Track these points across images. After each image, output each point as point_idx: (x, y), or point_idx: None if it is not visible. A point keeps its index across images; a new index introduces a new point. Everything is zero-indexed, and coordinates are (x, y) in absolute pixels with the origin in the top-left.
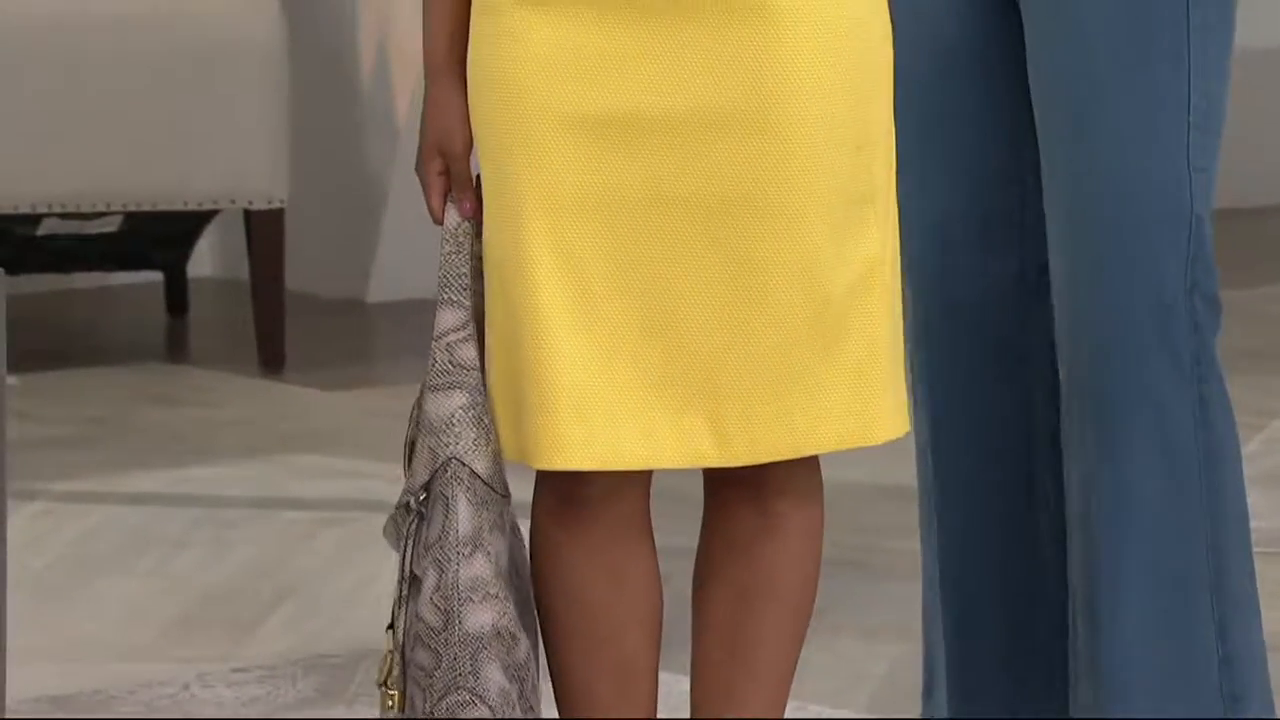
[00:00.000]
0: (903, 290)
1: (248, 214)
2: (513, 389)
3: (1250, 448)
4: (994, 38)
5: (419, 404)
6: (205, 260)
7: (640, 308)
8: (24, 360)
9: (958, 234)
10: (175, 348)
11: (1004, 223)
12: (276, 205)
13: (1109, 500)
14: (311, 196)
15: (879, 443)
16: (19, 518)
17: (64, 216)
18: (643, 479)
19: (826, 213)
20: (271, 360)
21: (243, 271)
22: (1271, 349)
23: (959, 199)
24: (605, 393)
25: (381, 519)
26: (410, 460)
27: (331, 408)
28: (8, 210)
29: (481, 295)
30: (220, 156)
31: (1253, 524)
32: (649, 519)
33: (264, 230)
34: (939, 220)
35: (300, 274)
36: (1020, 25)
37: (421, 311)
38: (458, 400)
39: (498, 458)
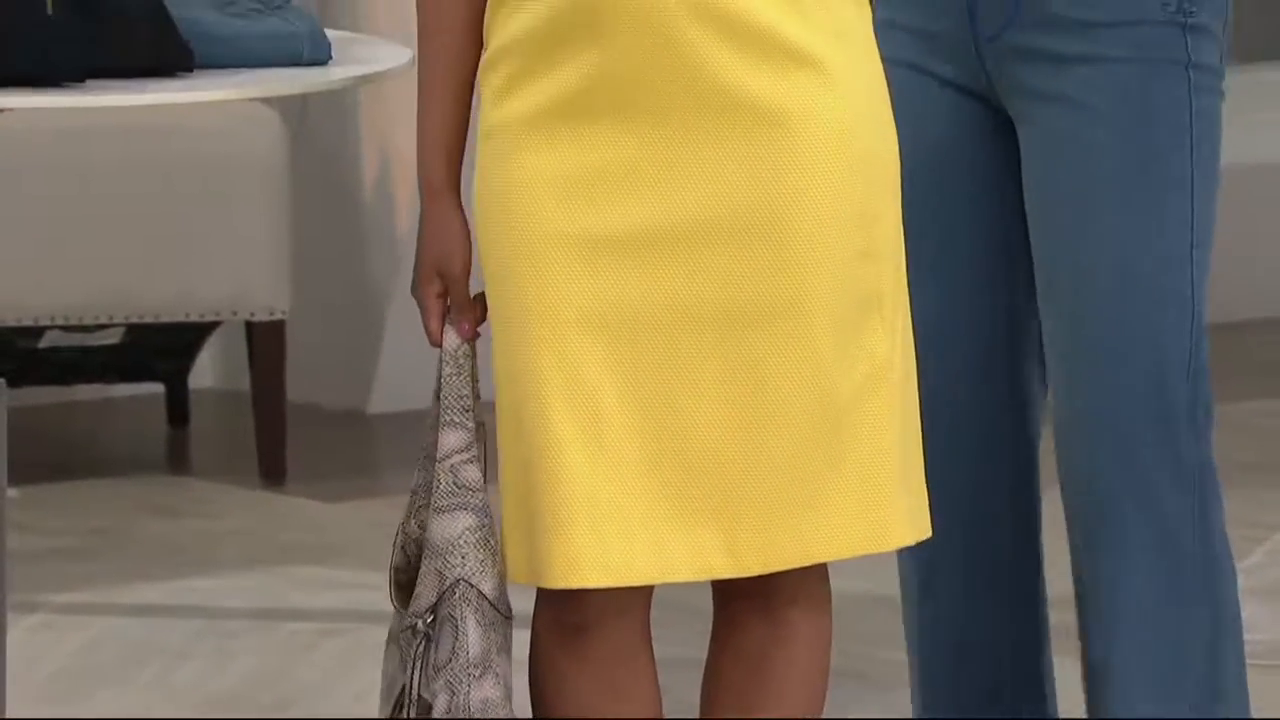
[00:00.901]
0: None
1: (249, 325)
2: (525, 509)
3: (1251, 560)
4: (988, 149)
5: (405, 527)
6: (206, 371)
7: (651, 423)
8: (25, 472)
9: (951, 342)
10: (176, 459)
11: (997, 330)
12: (278, 317)
13: (1107, 600)
14: (313, 307)
15: (892, 548)
16: (20, 630)
17: (67, 329)
18: (645, 595)
19: (832, 318)
20: (272, 471)
21: (244, 382)
22: (1268, 462)
23: (951, 306)
24: (618, 510)
25: (383, 631)
26: (399, 585)
27: (333, 519)
28: (10, 323)
29: (476, 413)
30: (222, 268)
31: (1254, 637)
32: (649, 634)
33: (265, 341)
34: (931, 327)
35: (302, 385)
36: (1015, 138)
37: (423, 423)
38: (464, 522)
39: (503, 579)
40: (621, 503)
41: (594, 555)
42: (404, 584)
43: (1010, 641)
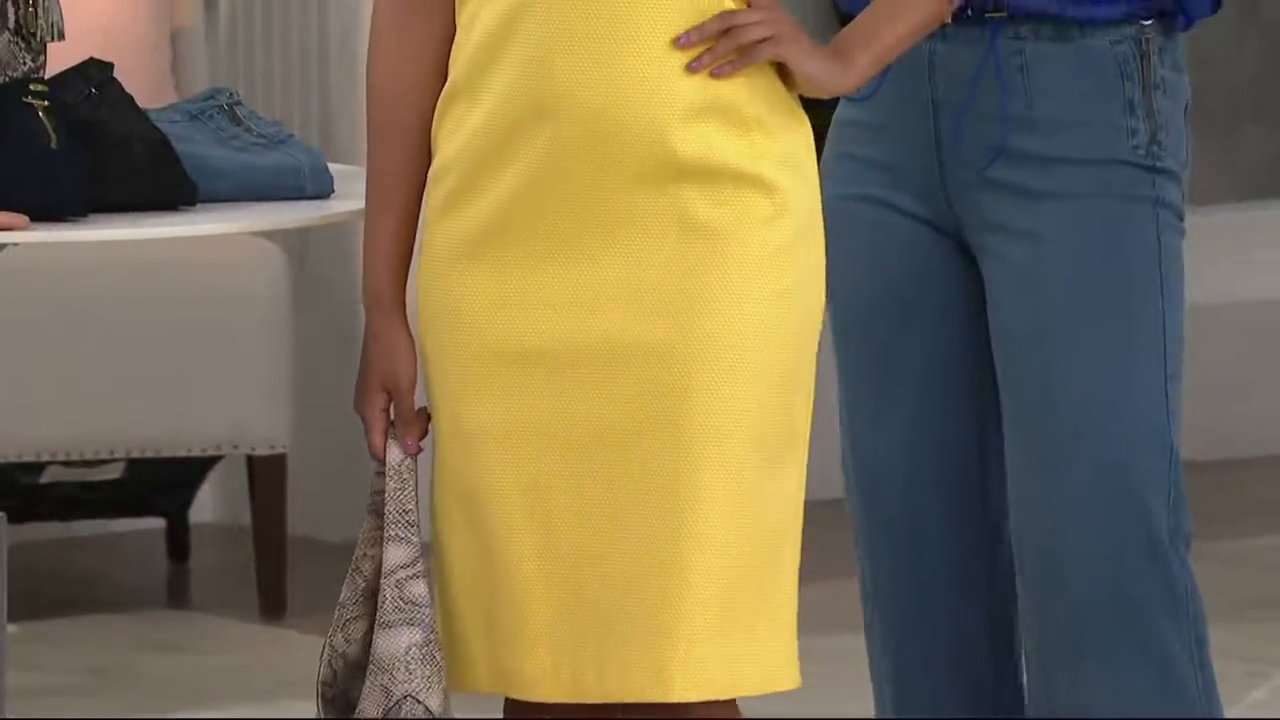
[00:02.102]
0: (856, 527)
1: (250, 459)
2: (485, 619)
3: (1256, 695)
4: (952, 282)
5: (331, 641)
6: (207, 506)
7: (595, 539)
8: (26, 608)
9: (919, 471)
10: (177, 594)
11: (965, 463)
12: (279, 450)
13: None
14: (314, 441)
15: (789, 688)
16: None
17: (68, 464)
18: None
19: (756, 446)
20: (273, 606)
21: (245, 516)
22: (1270, 598)
23: (919, 436)
24: (569, 625)
25: None
26: (326, 700)
27: None
28: (11, 458)
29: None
30: (223, 402)
31: None
32: None
33: (266, 475)
34: (898, 457)
35: (302, 518)
36: (978, 271)
37: (427, 555)
38: (410, 637)
39: (447, 694)
40: (571, 617)
41: (548, 669)
42: (331, 699)
43: None
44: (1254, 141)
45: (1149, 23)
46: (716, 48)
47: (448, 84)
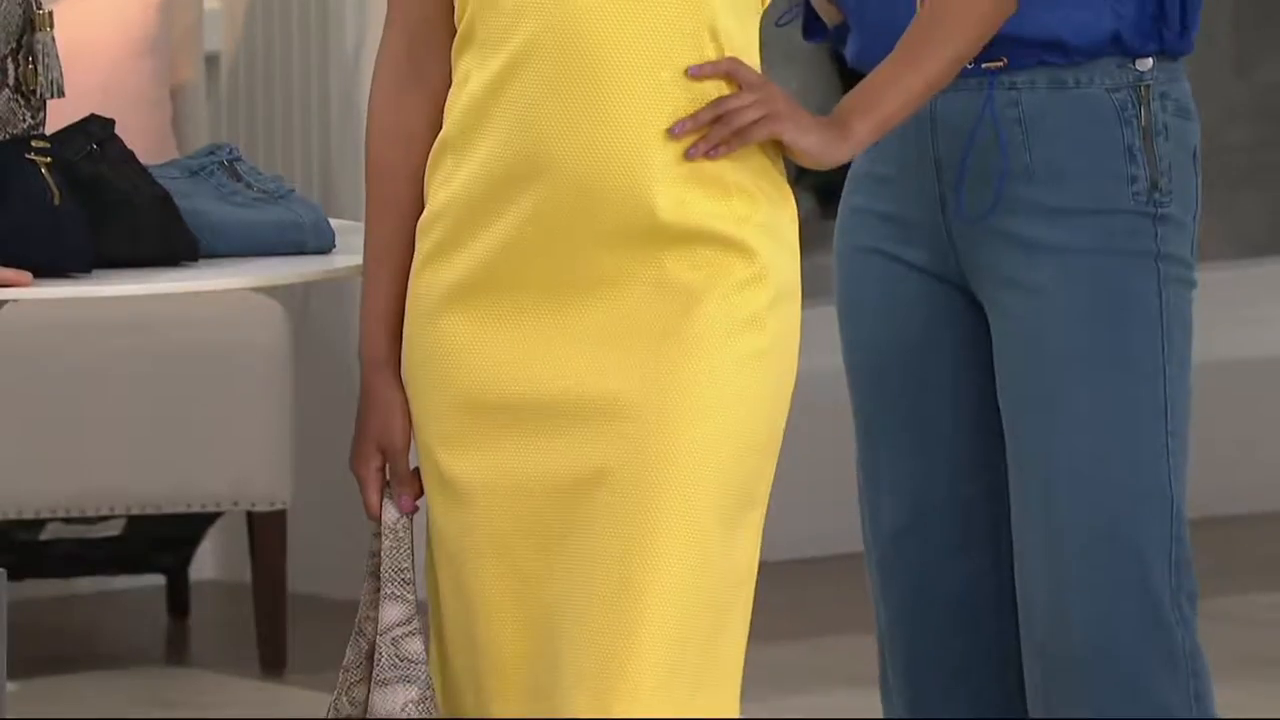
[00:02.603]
0: (872, 586)
1: (250, 515)
2: (472, 673)
3: None
4: (961, 333)
5: (336, 705)
6: (207, 562)
7: (558, 589)
8: (25, 666)
9: (932, 522)
10: (176, 651)
11: (978, 514)
12: (279, 507)
13: None
14: (314, 497)
15: None
16: None
17: (68, 520)
18: None
19: (717, 505)
20: (273, 662)
21: (245, 573)
22: (1273, 655)
23: (931, 487)
24: (543, 676)
25: None
26: None
27: None
28: (11, 516)
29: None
30: (224, 458)
31: None
32: None
33: (266, 531)
34: (911, 509)
35: (303, 574)
36: (987, 322)
37: (424, 613)
38: (407, 694)
39: None
40: (547, 670)
41: None
42: None
43: None
44: (1250, 204)
45: (1148, 67)
46: (711, 134)
47: (439, 137)
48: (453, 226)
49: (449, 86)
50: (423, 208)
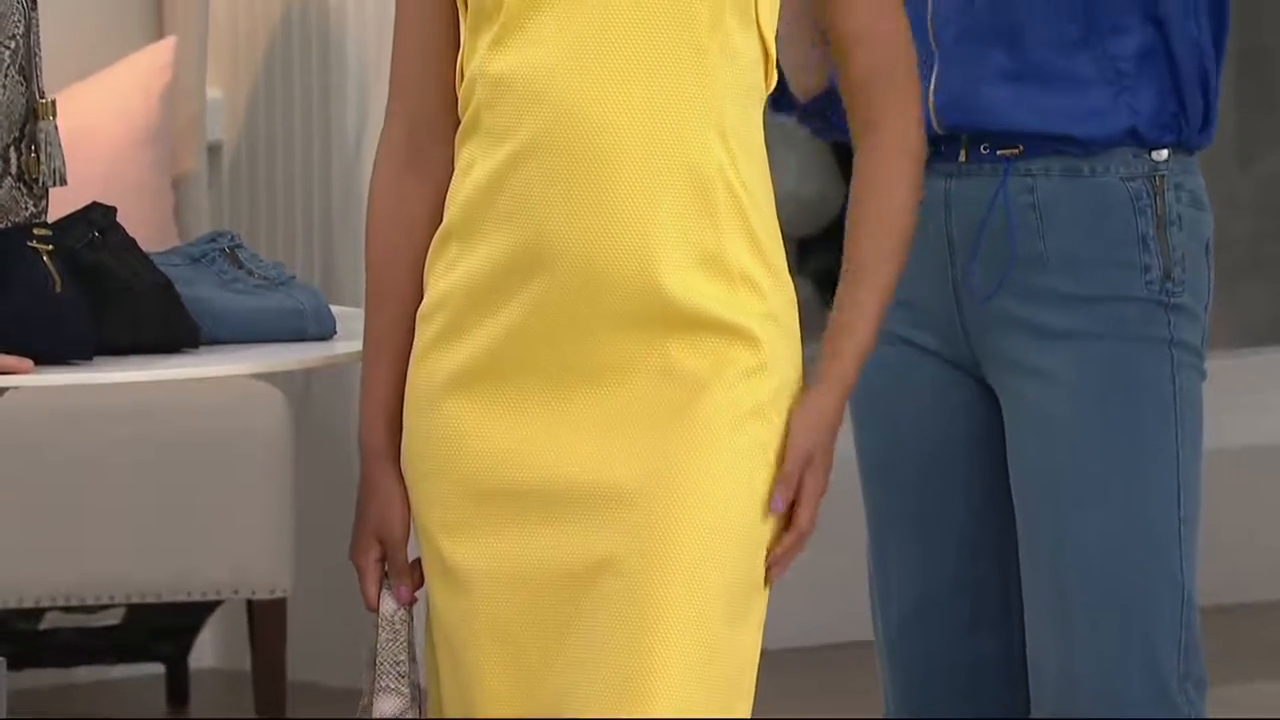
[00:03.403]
0: (882, 671)
1: (250, 603)
2: None
3: None
4: (973, 419)
5: None
6: (207, 651)
7: (562, 681)
8: None
9: (941, 607)
10: None
11: (989, 593)
12: (279, 595)
13: None
14: (315, 585)
15: None
16: None
17: (67, 609)
18: None
19: (723, 596)
20: None
21: (245, 662)
22: None
23: (942, 573)
24: None
25: None
26: None
27: None
28: (11, 604)
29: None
30: (223, 547)
31: None
32: None
33: (266, 619)
34: (921, 597)
35: (303, 663)
36: (999, 408)
37: (425, 699)
38: None
39: None
40: None
41: None
42: None
43: None
44: (1251, 295)
45: (1164, 158)
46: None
47: (442, 226)
48: (455, 314)
49: (450, 174)
50: (422, 296)
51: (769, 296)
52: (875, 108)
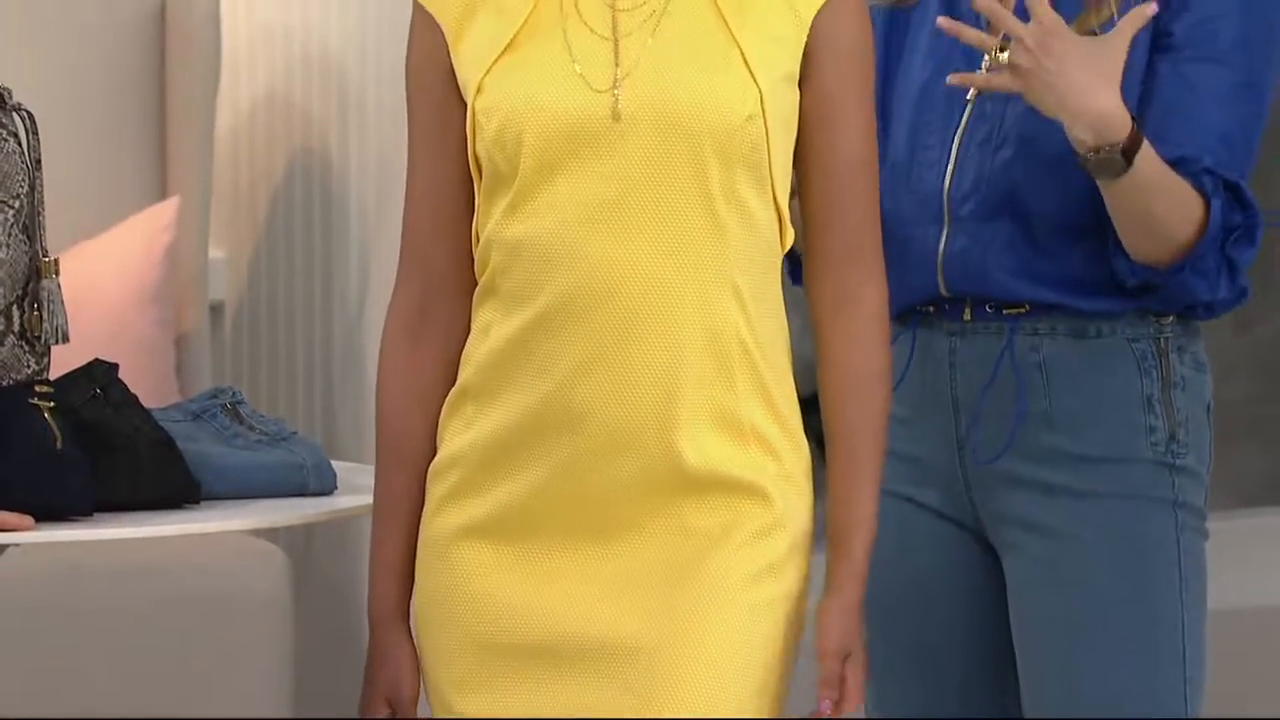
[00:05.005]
0: None
1: None
2: None
3: None
4: (974, 576)
5: None
6: None
7: None
8: None
9: None
10: None
11: None
12: None
13: None
14: None
15: None
16: None
17: None
18: None
19: None
20: None
21: None
22: None
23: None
24: None
25: None
26: None
27: None
28: None
29: None
30: (222, 706)
31: None
32: None
33: None
34: None
35: None
36: (1000, 566)
37: None
38: None
39: None
40: None
41: None
42: None
43: None
44: (1247, 457)
45: (1169, 321)
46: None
47: (458, 384)
48: (470, 470)
49: (460, 333)
50: (433, 457)
51: (783, 455)
52: (851, 283)
